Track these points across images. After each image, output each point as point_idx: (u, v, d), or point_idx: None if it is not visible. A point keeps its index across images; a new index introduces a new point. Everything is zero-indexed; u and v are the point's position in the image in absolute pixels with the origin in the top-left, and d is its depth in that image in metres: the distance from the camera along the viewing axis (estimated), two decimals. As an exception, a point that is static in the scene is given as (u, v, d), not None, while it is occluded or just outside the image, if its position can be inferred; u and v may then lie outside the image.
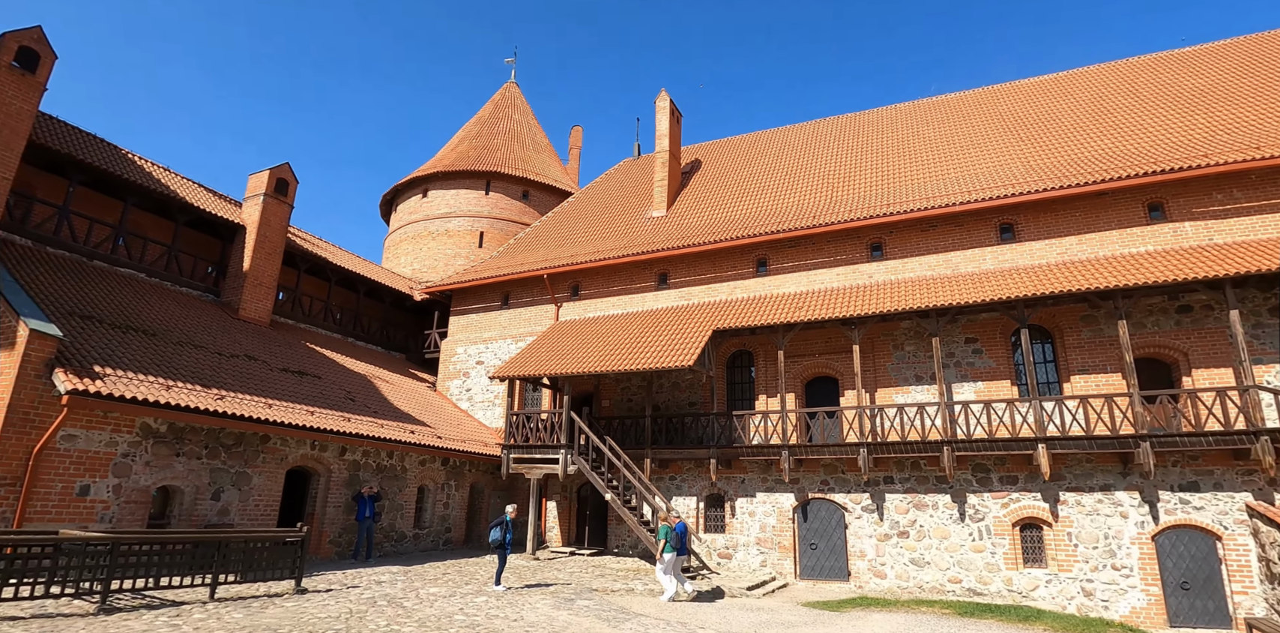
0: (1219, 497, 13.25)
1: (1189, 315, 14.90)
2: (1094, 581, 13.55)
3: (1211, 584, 12.89)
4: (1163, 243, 15.71)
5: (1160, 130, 17.95)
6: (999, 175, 18.24)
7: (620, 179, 27.26)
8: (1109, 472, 14.00)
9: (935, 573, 14.72)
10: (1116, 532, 13.65)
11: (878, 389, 16.75)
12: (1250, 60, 20.06)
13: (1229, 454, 13.17)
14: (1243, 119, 17.24)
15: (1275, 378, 13.94)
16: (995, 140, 20.36)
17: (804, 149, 24.18)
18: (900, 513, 15.40)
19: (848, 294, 17.34)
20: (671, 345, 16.73)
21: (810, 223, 18.81)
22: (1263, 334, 14.31)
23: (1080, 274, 14.90)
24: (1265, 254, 13.74)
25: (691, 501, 17.58)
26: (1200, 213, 15.66)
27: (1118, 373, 14.77)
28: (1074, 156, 18.01)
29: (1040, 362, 16.03)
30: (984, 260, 17.16)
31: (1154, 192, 16.06)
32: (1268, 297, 14.44)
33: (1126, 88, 20.79)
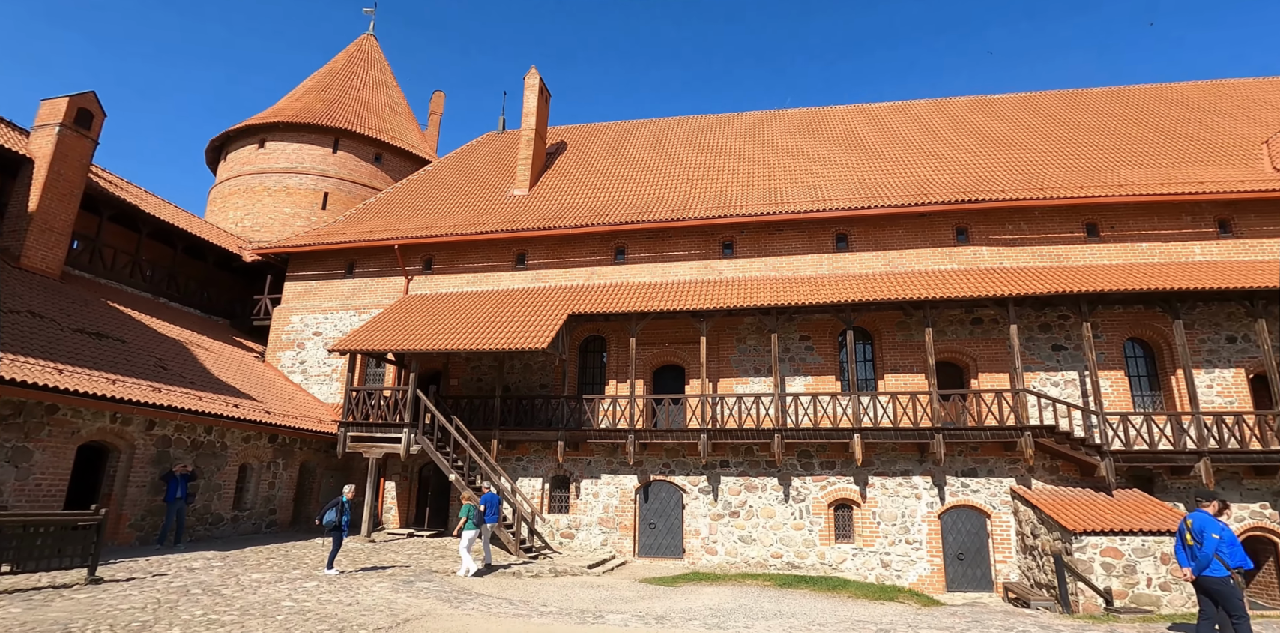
0: (991, 482, 15.75)
1: (980, 327, 17.37)
2: (891, 554, 15.59)
3: (981, 555, 15.37)
4: (965, 263, 18.11)
5: (971, 164, 20.58)
6: (839, 189, 20.00)
7: (482, 153, 26.49)
8: (909, 459, 16.11)
9: (760, 549, 16.12)
10: (911, 511, 15.78)
11: (720, 379, 17.87)
12: (1045, 112, 23.55)
13: (1001, 446, 15.66)
14: (1033, 162, 20.26)
15: (1039, 383, 16.72)
16: (838, 157, 22.25)
17: (669, 144, 24.91)
18: (733, 495, 16.64)
19: (699, 288, 18.25)
20: (526, 327, 16.72)
21: (669, 216, 19.52)
22: (1033, 346, 17.05)
23: (899, 285, 16.81)
24: (1039, 279, 16.33)
25: (537, 482, 17.77)
26: (996, 239, 18.24)
27: (922, 373, 16.91)
28: (901, 179, 20.16)
29: (861, 360, 17.95)
30: (821, 265, 18.79)
31: (962, 218, 18.44)
32: (1039, 315, 17.21)
33: (948, 124, 23.56)
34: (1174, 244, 17.86)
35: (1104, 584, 12.39)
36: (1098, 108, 23.53)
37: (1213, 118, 22.09)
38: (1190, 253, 17.74)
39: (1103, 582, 12.40)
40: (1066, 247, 18.04)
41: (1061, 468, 15.65)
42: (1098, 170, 19.37)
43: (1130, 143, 20.94)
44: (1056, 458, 15.57)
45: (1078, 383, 16.60)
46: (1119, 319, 17.13)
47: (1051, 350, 17.01)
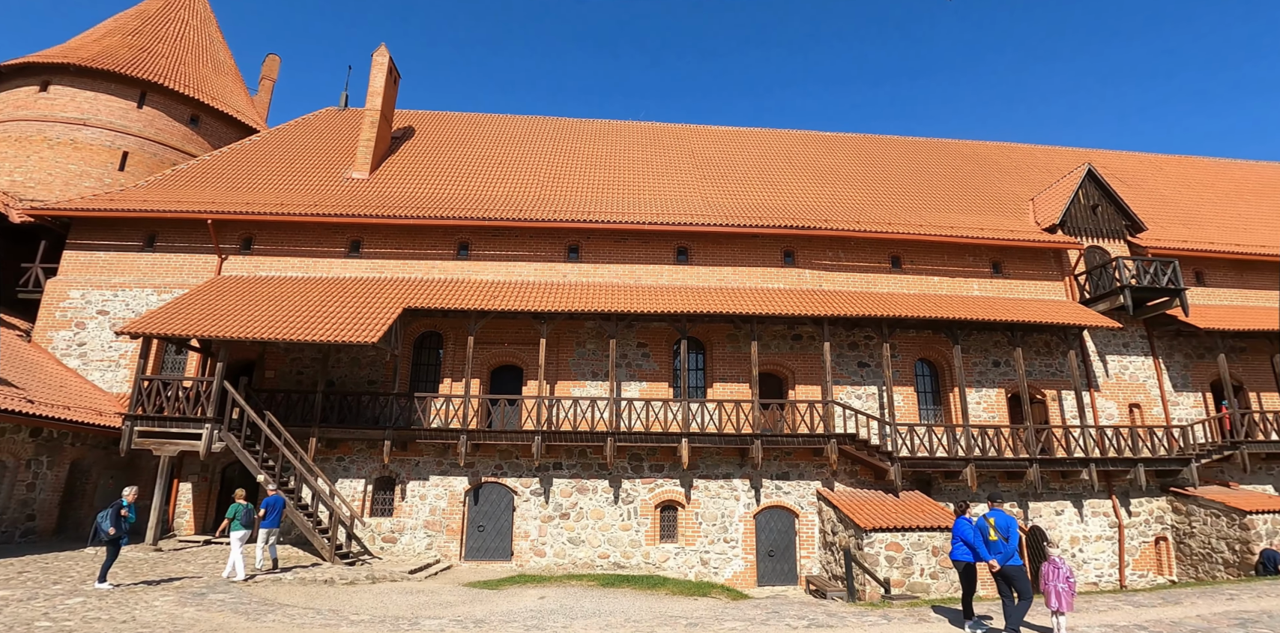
0: (801, 484, 17.28)
1: (799, 343, 18.98)
2: (710, 552, 16.57)
3: (788, 551, 16.81)
4: (790, 283, 19.71)
5: (800, 193, 22.47)
6: (683, 205, 20.94)
7: (320, 129, 24.62)
8: (731, 463, 17.24)
9: (588, 550, 16.43)
10: (730, 512, 16.90)
11: (558, 382, 18.00)
12: (865, 154, 26.26)
13: (811, 452, 17.24)
14: (853, 198, 22.54)
15: (846, 396, 18.60)
16: (684, 173, 23.30)
17: (522, 142, 24.68)
18: (564, 496, 16.82)
19: (543, 290, 18.28)
20: (357, 318, 15.80)
21: (517, 216, 19.36)
22: (843, 362, 18.94)
23: (731, 300, 17.95)
24: (851, 303, 18.21)
25: (359, 483, 16.79)
26: (817, 263, 20.05)
27: (747, 383, 18.14)
28: (740, 201, 21.55)
29: (693, 369, 18.90)
30: (662, 276, 19.56)
31: (790, 242, 20.05)
32: (849, 335, 19.16)
33: (784, 153, 25.53)
34: (958, 279, 20.68)
35: (886, 575, 14.06)
36: (909, 155, 26.65)
37: (996, 174, 25.91)
38: (970, 288, 20.63)
39: (886, 573, 14.08)
40: (875, 275, 20.25)
41: (860, 472, 17.55)
42: (904, 210, 21.96)
43: (931, 189, 23.97)
44: (856, 463, 17.44)
45: (877, 396, 18.71)
46: (913, 342, 19.53)
47: (857, 367, 19.01)
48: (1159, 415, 20.36)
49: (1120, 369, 20.71)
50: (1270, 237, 24.13)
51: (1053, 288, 21.26)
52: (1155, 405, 20.48)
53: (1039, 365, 20.03)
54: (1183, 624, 9.54)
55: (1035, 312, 19.25)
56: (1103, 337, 20.84)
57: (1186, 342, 21.31)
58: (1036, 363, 20.01)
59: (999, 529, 8.98)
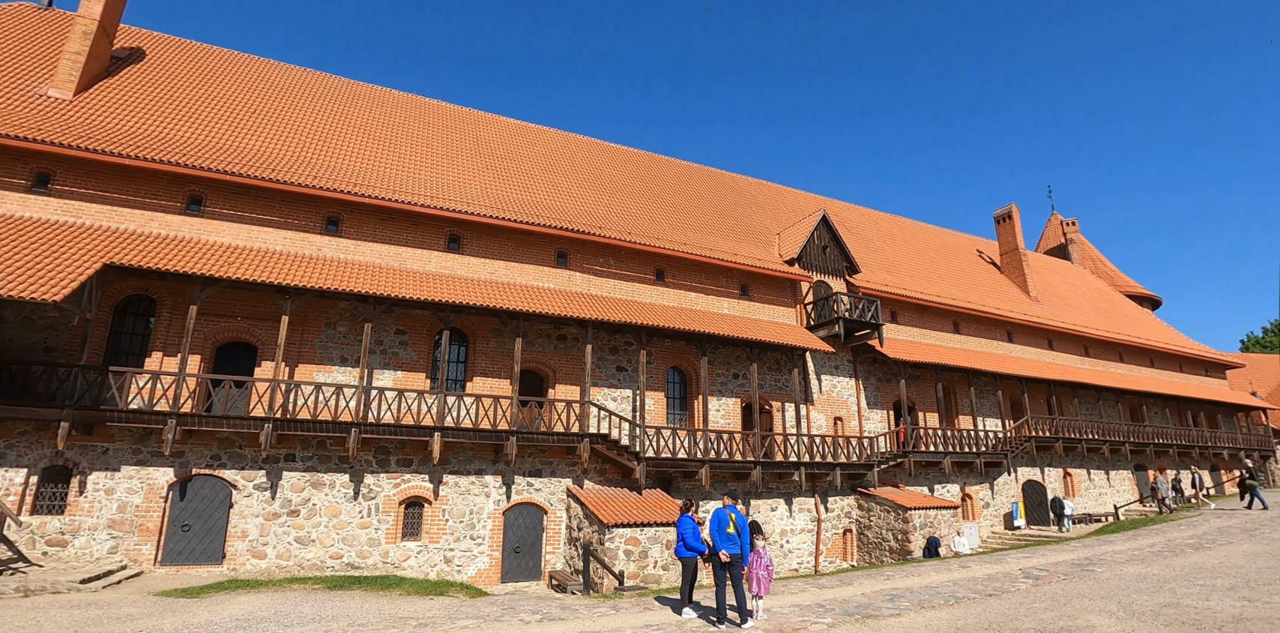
0: (552, 482, 17.39)
1: (564, 343, 19.22)
2: (455, 549, 15.90)
3: (534, 548, 16.76)
4: (560, 284, 19.93)
5: (580, 198, 22.93)
6: (460, 191, 20.14)
7: (8, 27, 19.51)
8: (484, 459, 16.79)
9: (319, 550, 14.79)
10: (479, 508, 16.41)
11: (300, 365, 16.13)
12: (645, 170, 27.60)
13: (565, 450, 17.46)
14: (628, 209, 23.55)
15: (603, 397, 19.21)
16: (466, 159, 22.48)
17: (286, 93, 21.93)
18: (295, 491, 15.00)
19: (292, 261, 16.31)
20: (37, 270, 12.69)
21: (269, 175, 17.06)
22: (603, 365, 19.56)
23: (501, 294, 17.65)
24: (615, 309, 18.95)
25: (19, 473, 13.29)
26: (588, 268, 20.53)
27: (508, 379, 17.89)
28: (520, 196, 21.34)
29: (454, 361, 18.16)
30: (430, 262, 18.56)
31: (564, 244, 20.28)
32: (610, 339, 19.86)
33: (569, 157, 25.93)
34: (712, 297, 22.57)
35: (623, 568, 14.67)
36: (682, 179, 28.65)
37: (752, 207, 28.88)
38: (721, 306, 22.62)
39: (623, 566, 14.69)
40: (639, 285, 21.29)
41: (609, 471, 18.18)
42: (672, 228, 23.47)
43: (697, 212, 25.96)
44: (606, 462, 18.04)
45: (631, 399, 19.59)
46: (668, 351, 20.84)
47: (616, 370, 19.76)
48: (855, 428, 24.13)
49: (831, 387, 24.17)
50: (946, 289, 30.00)
51: (787, 313, 24.17)
52: (853, 419, 24.24)
53: (770, 380, 22.58)
54: (851, 601, 11.24)
55: (772, 332, 21.72)
56: (821, 359, 24.16)
57: (880, 367, 25.57)
58: (768, 377, 22.54)
59: (736, 525, 9.92)
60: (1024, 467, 28.08)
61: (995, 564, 15.41)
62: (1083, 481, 30.35)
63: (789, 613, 10.39)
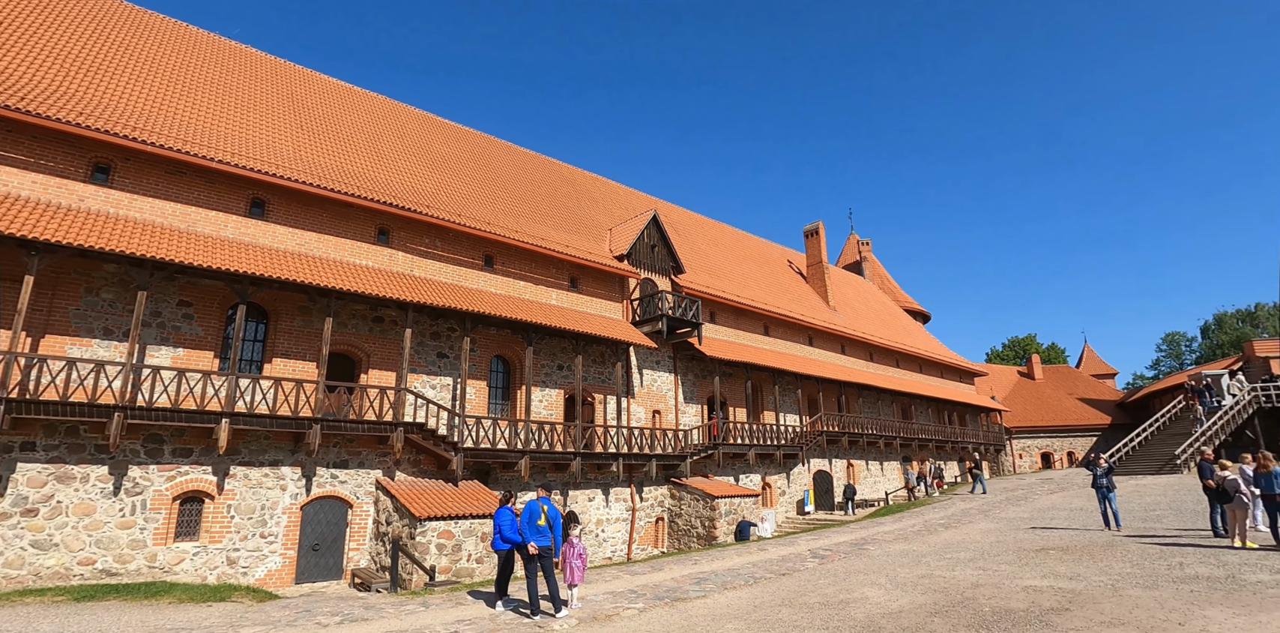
0: (360, 473, 16.06)
1: (380, 325, 17.90)
2: (240, 549, 14.08)
3: (337, 544, 15.33)
4: (381, 262, 18.54)
5: (408, 173, 21.53)
6: (268, 150, 17.90)
7: None
8: (281, 449, 15.09)
9: (64, 556, 12.32)
10: (273, 503, 14.69)
11: (47, 335, 13.42)
12: (480, 152, 26.58)
13: (376, 439, 16.22)
14: (459, 190, 22.47)
15: (421, 385, 18.14)
16: (277, 117, 20.13)
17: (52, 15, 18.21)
18: (35, 487, 12.39)
19: (45, 211, 13.56)
20: None
21: (17, 105, 14.04)
22: (423, 351, 18.49)
23: (311, 268, 16.04)
24: (440, 293, 18.03)
25: None
26: (413, 248, 19.31)
27: (315, 362, 16.29)
28: (339, 164, 19.53)
29: (251, 340, 16.17)
30: (226, 227, 16.36)
31: (386, 219, 18.84)
32: (433, 324, 18.85)
33: (399, 128, 24.26)
34: (541, 287, 22.24)
35: (435, 562, 13.93)
36: (519, 165, 27.95)
37: (587, 201, 28.92)
38: (550, 297, 22.36)
39: (435, 560, 13.93)
40: (467, 270, 20.42)
41: (424, 462, 17.19)
42: (504, 214, 22.81)
43: (532, 200, 25.48)
44: (421, 453, 17.04)
45: (451, 388, 18.71)
46: (493, 339, 20.19)
47: (437, 357, 18.77)
48: (672, 421, 25.01)
49: (651, 381, 24.85)
50: (759, 294, 32.10)
51: (614, 308, 24.47)
52: (670, 413, 25.12)
53: (594, 372, 22.72)
54: (661, 586, 11.63)
55: (599, 326, 21.87)
56: (643, 353, 24.75)
57: (697, 364, 26.74)
58: (592, 370, 22.66)
59: (549, 517, 9.80)
60: (816, 458, 30.85)
61: (789, 546, 16.70)
62: (862, 470, 34.01)
63: (602, 600, 10.47)
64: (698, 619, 8.95)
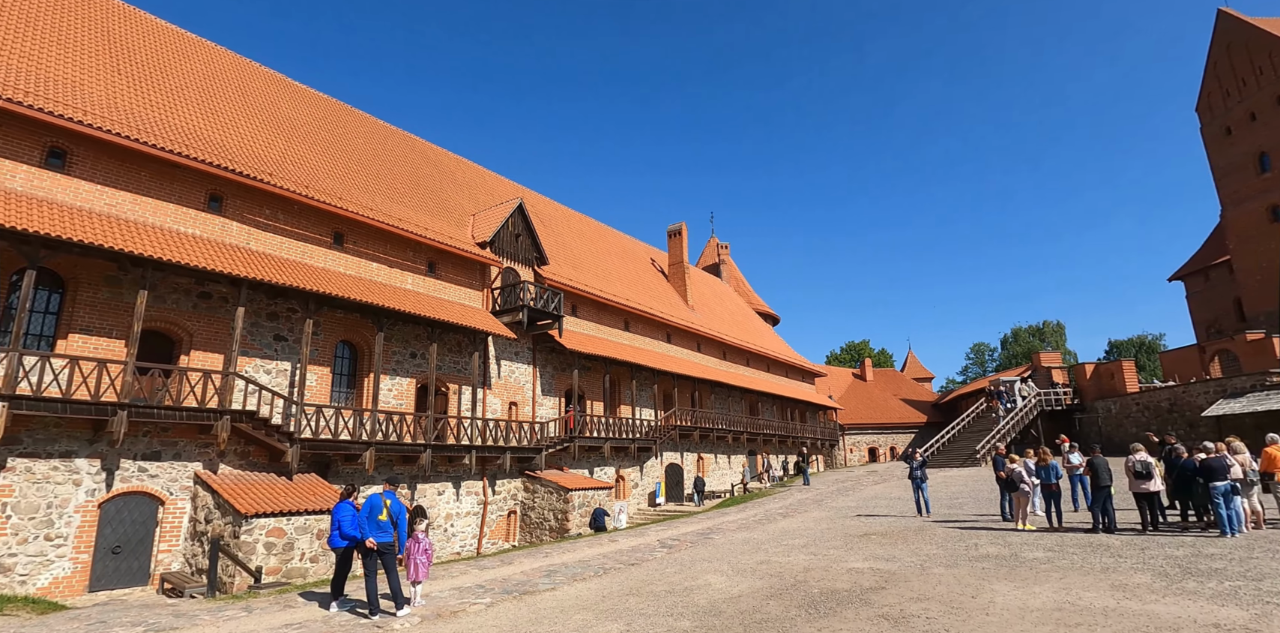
0: (175, 466, 14.32)
1: (207, 302, 16.12)
2: (19, 554, 12.03)
3: (143, 546, 13.54)
4: (212, 232, 16.67)
5: (246, 135, 19.33)
6: (75, 94, 15.44)
7: None
8: (76, 438, 13.10)
9: None
10: (64, 500, 12.72)
11: None
12: (333, 119, 24.66)
13: (196, 428, 14.55)
14: (307, 159, 20.71)
15: (254, 369, 16.55)
16: (90, 57, 17.34)
17: None
18: None
19: None
20: None
21: None
22: (257, 332, 16.89)
23: (125, 233, 14.14)
24: (281, 270, 16.58)
25: None
26: (250, 219, 17.52)
27: (123, 339, 14.35)
28: (164, 116, 17.27)
29: (42, 312, 13.93)
30: (16, 178, 13.96)
31: (219, 184, 16.81)
32: (270, 303, 17.28)
33: (240, 85, 21.83)
34: (396, 270, 21.07)
35: (263, 563, 12.75)
36: (376, 138, 26.21)
37: (450, 184, 27.75)
38: (405, 281, 21.24)
39: (262, 561, 12.75)
40: (314, 247, 18.90)
41: (253, 453, 15.68)
42: (359, 190, 21.34)
43: (389, 177, 24.03)
44: (251, 443, 15.53)
45: (289, 373, 17.23)
46: (339, 322, 18.84)
47: (274, 339, 17.22)
48: (529, 413, 24.64)
49: (509, 372, 24.34)
50: (622, 290, 32.41)
51: (474, 296, 23.70)
52: (528, 405, 24.74)
53: (449, 362, 21.87)
54: (510, 580, 11.44)
55: (457, 314, 21.08)
56: (502, 344, 24.18)
57: (556, 357, 26.54)
58: (448, 359, 21.80)
59: (392, 512, 9.28)
60: (669, 452, 31.69)
61: (639, 537, 17.00)
62: (712, 463, 35.39)
63: (448, 597, 10.10)
64: (546, 612, 8.84)
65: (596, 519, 22.02)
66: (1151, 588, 8.04)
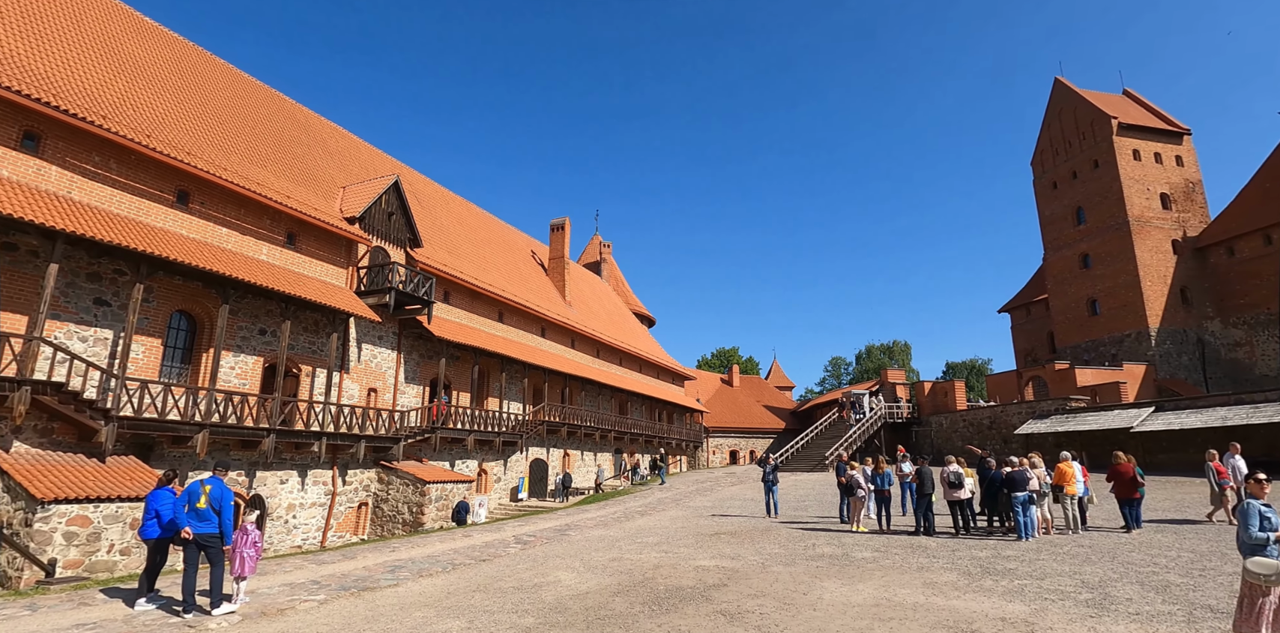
0: (-50, 441, 12.32)
1: (12, 255, 14.00)
2: None
3: None
4: (24, 175, 14.48)
5: (82, 73, 16.93)
6: None
7: None
8: None
9: None
10: None
11: None
12: (186, 63, 22.21)
13: (-15, 401, 12.61)
14: (151, 104, 18.38)
15: (66, 336, 14.60)
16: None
17: None
18: None
19: None
20: None
21: None
22: (74, 294, 14.93)
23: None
24: (109, 225, 14.75)
25: None
26: (74, 165, 15.36)
27: (-104, 293, 12.23)
28: (-14, 46, 15.00)
29: None
30: None
31: (37, 121, 14.55)
32: (93, 263, 15.31)
33: (75, 16, 19.12)
34: (250, 238, 19.36)
35: (59, 555, 11.27)
36: (237, 91, 23.86)
37: (320, 151, 25.91)
38: (259, 251, 19.56)
39: (62, 553, 11.28)
40: (153, 204, 16.96)
41: (59, 431, 13.80)
42: (211, 146, 19.37)
43: (248, 135, 21.98)
44: (56, 419, 13.66)
45: (110, 343, 15.38)
46: (177, 290, 17.06)
47: (94, 303, 15.29)
48: (389, 401, 23.49)
49: (371, 357, 23.10)
50: (498, 280, 31.70)
51: (337, 273, 22.27)
52: (389, 392, 23.58)
53: (304, 341, 20.42)
54: (350, 575, 10.88)
55: (316, 290, 19.73)
56: (365, 327, 22.92)
57: (424, 344, 25.52)
58: (302, 339, 20.35)
59: (211, 498, 8.49)
60: (535, 447, 31.35)
61: (495, 532, 16.69)
62: (578, 460, 35.39)
63: (277, 593, 9.44)
64: (385, 609, 8.44)
65: (459, 513, 21.38)
66: (955, 586, 8.85)
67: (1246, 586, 5.42)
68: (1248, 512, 5.70)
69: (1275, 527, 5.59)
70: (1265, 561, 5.34)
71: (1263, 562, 5.33)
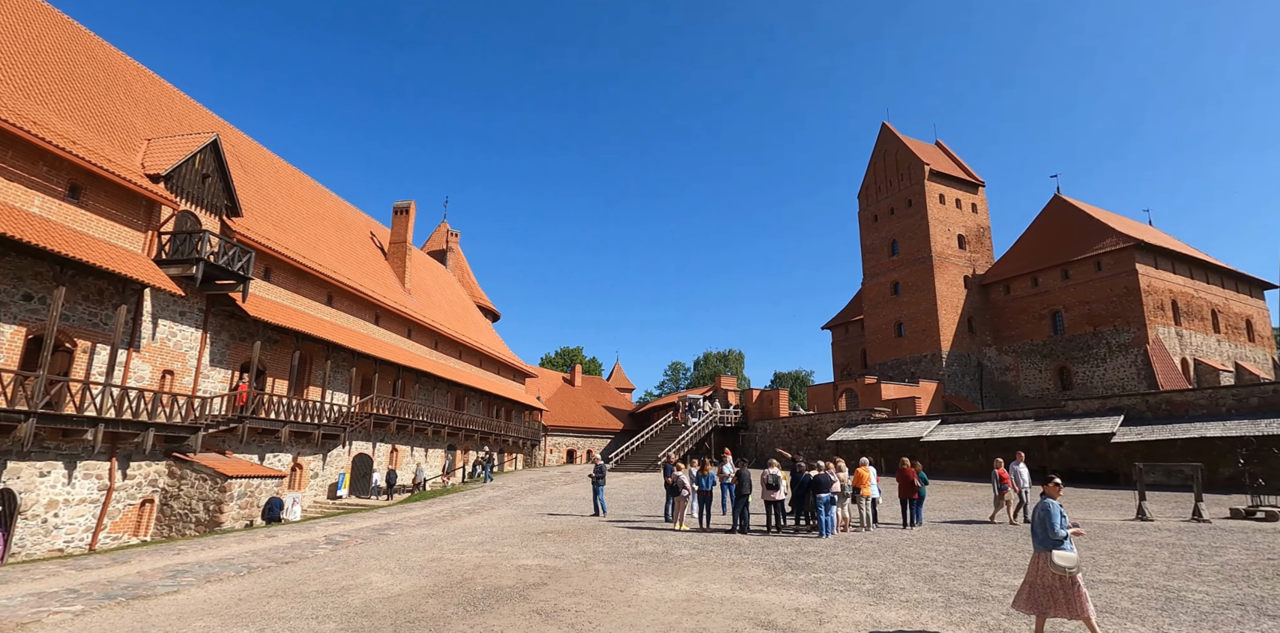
0: None
1: None
2: None
3: None
4: None
5: None
6: None
7: None
8: None
9: None
10: None
11: None
12: None
13: None
14: None
15: None
16: None
17: None
18: None
19: None
20: None
21: None
22: None
23: None
24: None
25: None
26: None
27: None
28: None
29: None
30: None
31: None
32: None
33: None
34: (19, 186, 16.45)
35: None
36: (16, 9, 20.01)
37: (124, 95, 22.56)
38: (30, 202, 16.69)
39: None
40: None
41: None
42: (-13, 78, 16.37)
43: (29, 65, 18.70)
44: None
45: None
46: (-85, 243, 14.16)
47: None
48: (189, 385, 20.96)
49: (169, 335, 20.52)
50: (330, 260, 29.46)
51: (132, 237, 19.56)
52: (189, 375, 21.04)
53: (83, 312, 17.71)
54: (119, 582, 9.65)
55: (102, 254, 17.21)
56: (164, 300, 20.34)
57: (236, 323, 23.11)
58: (80, 308, 17.64)
59: None
60: (359, 440, 29.44)
61: (304, 532, 15.46)
62: (407, 456, 33.70)
63: (19, 604, 8.15)
64: (158, 619, 7.49)
65: (271, 510, 19.49)
66: (761, 580, 9.42)
67: (1053, 576, 6.03)
68: (1050, 510, 6.27)
69: (1067, 524, 6.30)
70: (1068, 554, 6.03)
71: (1066, 555, 6.00)
